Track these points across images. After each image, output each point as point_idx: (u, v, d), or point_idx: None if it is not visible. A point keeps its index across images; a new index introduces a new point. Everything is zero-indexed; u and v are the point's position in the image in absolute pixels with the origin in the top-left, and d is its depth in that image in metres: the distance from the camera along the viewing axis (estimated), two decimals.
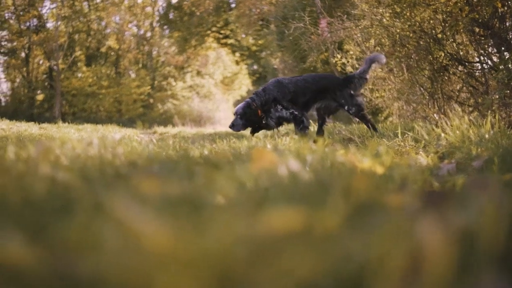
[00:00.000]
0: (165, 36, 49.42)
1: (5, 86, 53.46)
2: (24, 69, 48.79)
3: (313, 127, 10.44)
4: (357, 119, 10.02)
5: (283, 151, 3.54)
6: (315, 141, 4.31)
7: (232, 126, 9.32)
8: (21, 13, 48.03)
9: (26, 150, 3.07)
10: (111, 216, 1.41)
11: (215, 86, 47.01)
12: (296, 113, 9.08)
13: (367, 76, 9.48)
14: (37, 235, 1.34)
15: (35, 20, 48.74)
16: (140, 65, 49.32)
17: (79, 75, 48.24)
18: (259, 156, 2.89)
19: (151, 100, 47.38)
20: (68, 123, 21.68)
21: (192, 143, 5.72)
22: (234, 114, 9.43)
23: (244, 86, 47.06)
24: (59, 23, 47.30)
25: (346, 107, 9.27)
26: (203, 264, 1.15)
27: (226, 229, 1.27)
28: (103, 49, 48.99)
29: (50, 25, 49.19)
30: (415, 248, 1.22)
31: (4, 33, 49.30)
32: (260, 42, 42.33)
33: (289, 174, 2.59)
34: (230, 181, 2.40)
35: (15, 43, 48.50)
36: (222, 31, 46.47)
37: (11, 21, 48.68)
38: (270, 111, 9.16)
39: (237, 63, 46.09)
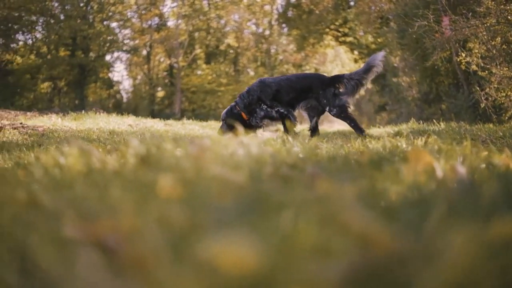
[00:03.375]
0: (284, 34, 49.50)
1: (127, 83, 54.88)
2: (146, 66, 49.99)
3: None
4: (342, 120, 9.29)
5: (430, 151, 3.46)
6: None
7: (220, 132, 9.35)
8: (143, 12, 49.19)
9: (183, 148, 3.13)
10: (335, 220, 1.40)
11: None
12: (282, 110, 8.99)
13: (363, 80, 8.98)
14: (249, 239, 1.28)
15: (156, 18, 49.87)
16: (259, 63, 49.57)
17: (199, 72, 49.00)
18: (416, 156, 2.84)
19: None
20: (192, 119, 21.93)
21: (327, 142, 5.65)
22: (221, 120, 9.47)
23: None
24: (179, 21, 48.20)
25: (327, 108, 8.97)
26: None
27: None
28: (222, 47, 49.54)
29: (171, 23, 50.29)
30: None
31: (127, 31, 50.69)
32: (379, 40, 41.80)
33: (455, 177, 2.54)
34: (396, 183, 2.36)
35: (137, 41, 49.78)
36: (340, 29, 46.21)
37: (134, 20, 49.97)
38: (255, 111, 9.14)
39: (355, 61, 45.64)
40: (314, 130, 9.39)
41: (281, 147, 3.98)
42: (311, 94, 9.07)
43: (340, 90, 8.98)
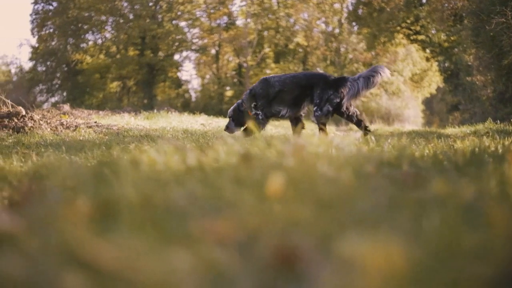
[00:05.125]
0: (354, 32, 49.18)
1: (196, 82, 55.50)
2: (214, 65, 50.40)
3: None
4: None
5: None
6: None
7: (227, 128, 9.51)
8: (211, 11, 49.67)
9: (275, 147, 3.03)
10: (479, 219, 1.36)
11: (403, 83, 46.17)
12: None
13: (370, 78, 8.79)
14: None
15: (225, 17, 50.27)
16: (328, 62, 49.33)
17: (268, 71, 49.04)
18: None
19: None
20: None
21: (410, 142, 5.50)
22: (228, 117, 9.56)
23: (433, 83, 45.99)
24: (248, 20, 48.34)
25: (315, 108, 8.83)
26: None
27: None
28: (291, 46, 49.54)
29: (239, 22, 50.57)
30: None
31: (196, 30, 51.26)
32: (452, 38, 41.02)
33: None
34: (503, 183, 2.30)
35: (206, 40, 50.32)
36: (412, 27, 45.66)
37: (202, 19, 50.45)
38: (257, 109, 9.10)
39: (427, 59, 45.08)
40: (358, 124, 9.14)
41: (372, 147, 3.91)
42: (310, 92, 9.02)
43: (337, 96, 8.80)
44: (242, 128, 9.32)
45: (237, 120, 9.31)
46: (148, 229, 1.41)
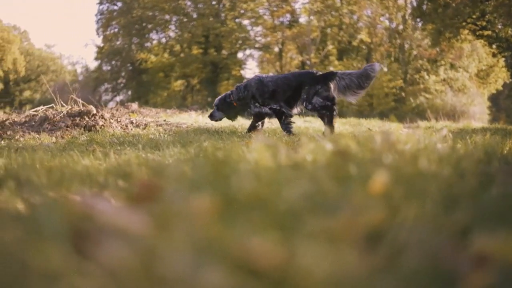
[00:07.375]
0: (418, 28, 48.62)
1: None
2: (277, 63, 50.46)
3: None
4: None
5: None
6: None
7: (211, 116, 10.13)
8: (274, 9, 49.76)
9: (369, 143, 3.00)
10: None
11: (469, 80, 45.53)
12: (274, 107, 9.21)
13: (353, 84, 8.98)
14: None
15: (288, 15, 50.33)
16: (392, 59, 48.94)
17: (331, 68, 48.78)
18: None
19: (403, 94, 46.83)
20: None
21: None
22: (214, 106, 9.94)
23: (500, 79, 45.20)
24: (311, 17, 48.31)
25: (304, 103, 9.05)
26: None
27: None
28: (354, 43, 49.32)
29: (302, 20, 50.62)
30: None
31: (259, 28, 51.48)
32: None
33: None
34: None
35: (269, 38, 50.45)
36: (478, 23, 44.94)
37: (265, 17, 50.62)
38: (249, 106, 9.54)
39: (494, 55, 44.23)
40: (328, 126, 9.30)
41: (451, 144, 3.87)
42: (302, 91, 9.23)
43: (326, 90, 9.01)
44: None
45: (222, 110, 9.79)
46: (273, 228, 1.39)
